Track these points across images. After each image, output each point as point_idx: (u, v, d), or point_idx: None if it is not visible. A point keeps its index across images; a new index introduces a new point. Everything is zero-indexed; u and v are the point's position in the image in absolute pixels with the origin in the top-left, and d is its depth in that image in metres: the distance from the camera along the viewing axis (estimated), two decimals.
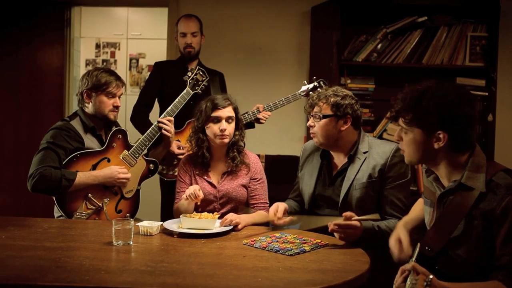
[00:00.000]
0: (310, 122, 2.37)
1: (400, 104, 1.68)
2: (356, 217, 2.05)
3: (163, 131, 2.73)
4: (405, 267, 1.52)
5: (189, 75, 2.88)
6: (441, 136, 1.62)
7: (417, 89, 1.67)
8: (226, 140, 2.51)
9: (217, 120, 2.50)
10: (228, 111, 2.53)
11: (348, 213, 2.05)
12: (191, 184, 2.54)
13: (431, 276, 1.40)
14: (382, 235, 2.12)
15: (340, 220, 2.05)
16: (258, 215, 2.46)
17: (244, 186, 2.55)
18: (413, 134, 1.67)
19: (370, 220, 2.11)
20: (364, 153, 2.32)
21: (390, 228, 2.12)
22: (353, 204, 2.26)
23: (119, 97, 2.66)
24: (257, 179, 2.58)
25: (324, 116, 2.31)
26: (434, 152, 1.66)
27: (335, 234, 2.08)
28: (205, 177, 2.55)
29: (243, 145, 2.62)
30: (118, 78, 2.66)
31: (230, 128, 2.52)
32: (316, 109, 2.34)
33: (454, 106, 1.60)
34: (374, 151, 2.31)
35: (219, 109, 2.51)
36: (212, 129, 2.51)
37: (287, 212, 2.33)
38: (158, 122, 2.75)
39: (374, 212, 2.14)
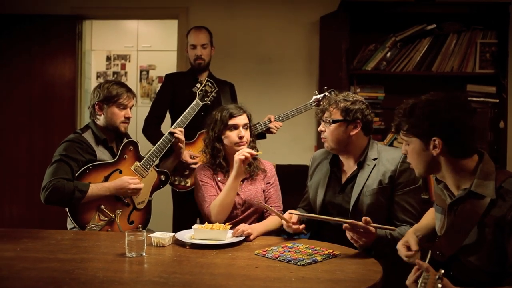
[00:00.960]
0: (321, 127, 2.39)
1: (398, 118, 1.75)
2: (374, 224, 2.03)
3: (176, 135, 2.76)
4: (420, 264, 1.52)
5: (198, 86, 2.91)
6: (436, 142, 1.66)
7: (410, 101, 1.74)
8: (245, 147, 2.54)
9: (234, 127, 2.55)
10: (244, 118, 2.59)
11: (367, 218, 2.03)
12: (217, 187, 2.57)
13: (442, 271, 1.40)
14: (394, 243, 2.10)
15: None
16: (270, 222, 2.47)
17: (263, 191, 2.60)
18: (413, 144, 1.73)
19: (386, 229, 2.09)
20: (374, 159, 2.33)
21: (402, 235, 2.11)
22: (364, 211, 2.25)
23: (130, 109, 2.69)
24: (271, 183, 2.62)
25: (334, 121, 2.33)
26: (435, 160, 1.69)
27: (347, 234, 2.05)
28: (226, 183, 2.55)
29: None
30: (129, 89, 2.69)
31: (247, 134, 2.58)
32: (326, 114, 2.37)
33: (442, 111, 1.65)
34: (384, 158, 2.32)
35: (236, 117, 2.56)
36: (230, 137, 2.55)
37: (299, 221, 2.33)
38: (170, 132, 2.77)
39: (384, 218, 2.18)
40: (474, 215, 1.62)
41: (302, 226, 2.28)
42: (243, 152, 2.42)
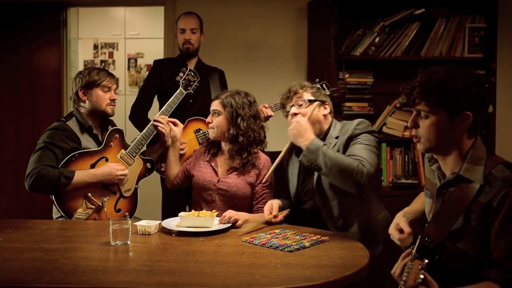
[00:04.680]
0: (294, 110, 2.36)
1: (421, 88, 1.63)
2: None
3: (159, 129, 2.74)
4: (406, 254, 1.51)
5: (181, 75, 2.91)
6: (466, 117, 1.60)
7: (437, 71, 1.64)
8: (210, 134, 2.60)
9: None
10: (213, 104, 2.60)
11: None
12: (187, 166, 2.69)
13: (426, 261, 1.39)
14: (328, 159, 2.07)
15: None
16: (258, 216, 2.45)
17: (250, 184, 2.52)
18: (436, 117, 1.62)
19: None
20: (336, 138, 2.32)
21: (339, 157, 2.10)
22: (326, 187, 2.27)
23: (114, 91, 2.68)
24: (266, 185, 2.55)
25: (310, 100, 2.35)
26: (452, 136, 1.63)
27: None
28: (212, 164, 2.60)
29: (244, 143, 2.53)
30: (109, 73, 2.68)
31: (215, 121, 2.56)
32: (296, 98, 2.38)
33: (480, 85, 1.60)
34: (342, 132, 2.31)
35: (212, 102, 2.62)
36: None
37: (281, 208, 2.33)
38: (154, 121, 2.75)
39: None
40: (462, 200, 1.60)
41: (285, 212, 2.30)
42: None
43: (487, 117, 1.58)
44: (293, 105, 2.37)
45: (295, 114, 2.34)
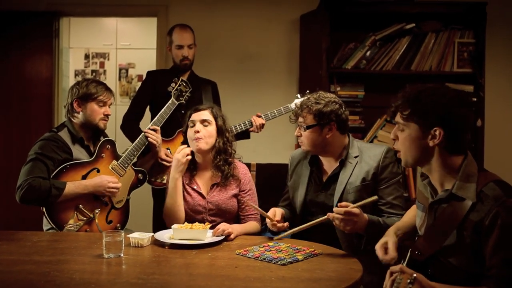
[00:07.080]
0: (296, 132, 2.38)
1: (400, 100, 1.70)
2: (353, 205, 2.03)
3: (149, 139, 2.76)
4: (393, 269, 1.52)
5: (173, 86, 2.93)
6: (437, 133, 1.63)
7: (417, 86, 1.70)
8: (201, 145, 2.45)
9: (193, 123, 2.49)
10: (202, 114, 2.50)
11: (343, 203, 2.04)
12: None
13: (414, 275, 1.40)
14: (386, 228, 2.10)
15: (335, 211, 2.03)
16: (250, 226, 2.45)
17: (234, 196, 2.52)
18: (409, 130, 1.68)
19: (369, 203, 2.07)
20: (355, 157, 2.33)
21: (392, 224, 2.12)
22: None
23: (109, 106, 2.67)
24: (246, 191, 2.54)
25: (308, 127, 2.31)
26: (428, 150, 1.67)
27: (336, 222, 2.02)
28: (195, 187, 2.52)
29: (230, 155, 2.54)
30: (107, 88, 2.68)
31: (205, 131, 2.46)
32: (300, 119, 2.35)
33: (453, 105, 1.63)
34: (366, 155, 2.33)
35: (195, 113, 2.51)
36: (189, 133, 2.50)
37: (283, 218, 2.32)
38: (145, 132, 2.76)
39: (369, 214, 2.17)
40: (454, 218, 1.62)
41: (286, 223, 2.27)
42: (182, 153, 2.41)
43: (472, 133, 1.61)
44: (298, 125, 2.37)
45: (297, 136, 2.37)
